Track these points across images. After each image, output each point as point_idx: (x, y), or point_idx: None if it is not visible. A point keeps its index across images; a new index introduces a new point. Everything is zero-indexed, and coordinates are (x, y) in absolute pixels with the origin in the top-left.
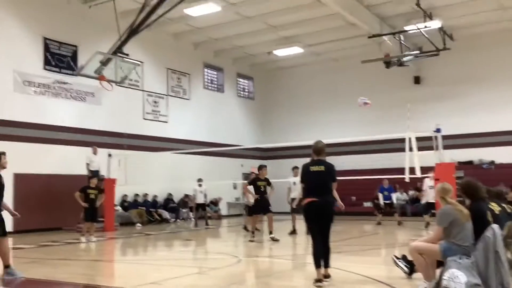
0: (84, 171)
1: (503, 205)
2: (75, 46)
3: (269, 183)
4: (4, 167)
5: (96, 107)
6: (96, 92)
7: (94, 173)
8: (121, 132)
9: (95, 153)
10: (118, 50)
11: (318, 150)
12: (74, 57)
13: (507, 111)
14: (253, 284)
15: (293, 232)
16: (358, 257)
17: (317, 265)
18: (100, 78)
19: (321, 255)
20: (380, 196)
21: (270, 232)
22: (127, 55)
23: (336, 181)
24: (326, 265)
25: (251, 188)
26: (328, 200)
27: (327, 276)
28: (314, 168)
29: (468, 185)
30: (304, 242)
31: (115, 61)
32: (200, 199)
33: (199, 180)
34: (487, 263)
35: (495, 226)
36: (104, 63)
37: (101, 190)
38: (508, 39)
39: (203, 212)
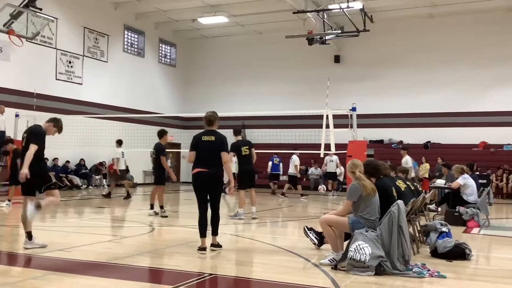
0: None
1: (408, 182)
2: None
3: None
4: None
5: (4, 63)
6: (5, 47)
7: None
8: (31, 91)
9: (1, 112)
10: (30, 4)
11: (209, 120)
12: None
13: (416, 94)
14: (165, 252)
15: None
16: (271, 228)
17: (202, 235)
18: (9, 32)
19: (206, 224)
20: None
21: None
22: (40, 9)
23: (227, 152)
24: (214, 233)
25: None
26: (216, 171)
27: (215, 244)
28: (205, 138)
29: (367, 165)
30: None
31: (27, 15)
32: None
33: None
34: (391, 236)
35: (400, 202)
36: (15, 16)
37: (6, 152)
38: (423, 25)
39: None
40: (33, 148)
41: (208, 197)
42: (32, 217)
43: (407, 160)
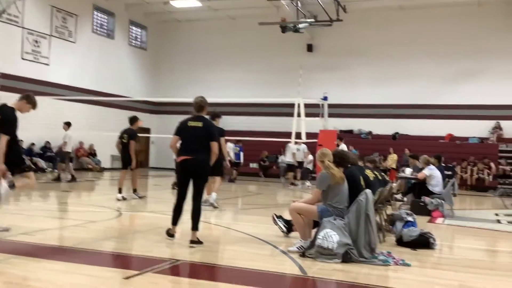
0: None
1: (376, 172)
2: None
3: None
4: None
5: None
6: None
7: None
8: None
9: None
10: None
11: (199, 106)
12: None
13: (386, 85)
14: (133, 238)
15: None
16: (241, 215)
17: (173, 222)
18: None
19: (179, 212)
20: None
21: None
22: None
23: (217, 141)
24: (194, 228)
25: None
26: (201, 157)
27: (194, 241)
28: (191, 124)
29: (335, 155)
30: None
31: None
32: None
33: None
34: (358, 224)
35: (368, 191)
36: None
37: None
38: (395, 17)
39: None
40: (4, 139)
41: (192, 187)
42: (6, 197)
43: (342, 149)
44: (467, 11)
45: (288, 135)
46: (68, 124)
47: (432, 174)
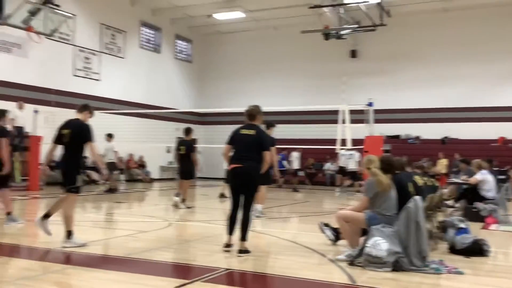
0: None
1: (425, 178)
2: None
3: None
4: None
5: (23, 60)
6: (23, 44)
7: (19, 130)
8: (49, 88)
9: (20, 108)
10: (48, 0)
11: (250, 114)
12: None
13: (433, 89)
14: (182, 248)
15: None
16: (287, 224)
17: (228, 232)
18: (28, 29)
19: (233, 222)
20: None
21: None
22: (58, 6)
23: (269, 150)
24: (243, 238)
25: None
26: (252, 166)
27: (242, 250)
28: (244, 131)
29: (382, 162)
30: None
31: (45, 12)
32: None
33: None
34: (408, 232)
35: (417, 198)
36: (33, 13)
37: (25, 148)
38: (440, 19)
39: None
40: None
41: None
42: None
43: None
44: None
45: (332, 142)
46: (110, 136)
47: (485, 179)
